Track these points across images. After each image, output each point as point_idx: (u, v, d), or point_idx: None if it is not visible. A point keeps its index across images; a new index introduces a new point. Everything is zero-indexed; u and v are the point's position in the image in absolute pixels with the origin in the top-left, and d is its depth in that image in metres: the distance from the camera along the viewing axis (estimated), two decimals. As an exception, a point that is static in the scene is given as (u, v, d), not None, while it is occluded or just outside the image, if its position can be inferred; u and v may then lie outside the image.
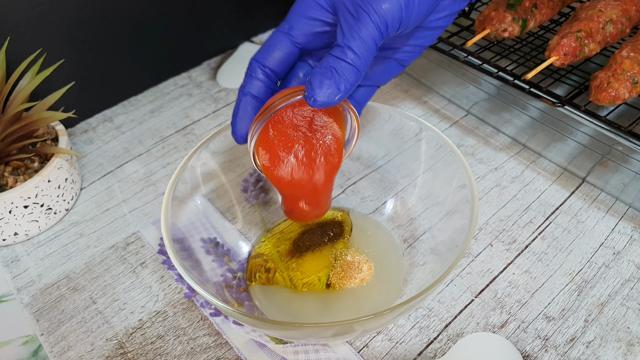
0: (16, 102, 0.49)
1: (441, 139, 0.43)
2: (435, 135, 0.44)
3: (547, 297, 0.44)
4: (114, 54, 0.62)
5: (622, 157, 0.48)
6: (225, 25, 0.71)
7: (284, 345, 0.42)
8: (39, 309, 0.46)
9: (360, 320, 0.35)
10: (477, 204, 0.39)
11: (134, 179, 0.57)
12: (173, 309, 0.45)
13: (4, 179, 0.49)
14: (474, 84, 0.58)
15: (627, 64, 0.47)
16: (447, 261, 0.40)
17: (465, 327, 0.42)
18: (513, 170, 0.54)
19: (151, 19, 0.63)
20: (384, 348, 0.42)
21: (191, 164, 0.43)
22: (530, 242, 0.48)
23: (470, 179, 0.40)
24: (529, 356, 0.40)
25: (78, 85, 0.58)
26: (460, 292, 0.45)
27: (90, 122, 0.64)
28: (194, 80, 0.69)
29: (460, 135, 0.58)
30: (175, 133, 0.62)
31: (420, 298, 0.35)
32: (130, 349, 0.43)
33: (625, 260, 0.46)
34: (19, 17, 0.53)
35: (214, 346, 0.42)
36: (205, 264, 0.42)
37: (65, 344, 0.43)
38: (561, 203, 0.51)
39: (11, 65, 0.53)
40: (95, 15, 0.59)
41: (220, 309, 0.37)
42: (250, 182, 0.49)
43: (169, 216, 0.39)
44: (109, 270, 0.48)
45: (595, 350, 0.41)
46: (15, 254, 0.50)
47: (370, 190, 0.50)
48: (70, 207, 0.54)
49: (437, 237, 0.44)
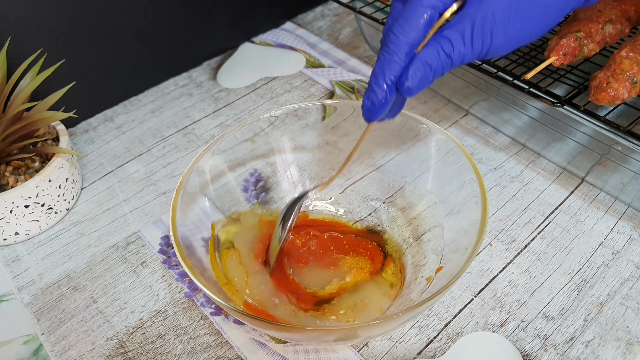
0: (17, 102, 0.49)
1: (447, 139, 0.44)
2: (441, 135, 0.44)
3: (546, 297, 0.44)
4: (114, 54, 0.63)
5: (622, 156, 0.48)
6: (225, 25, 0.71)
7: (284, 344, 0.42)
8: (39, 309, 0.46)
9: (365, 326, 0.35)
10: (486, 205, 0.39)
11: (135, 178, 0.57)
12: (173, 308, 0.45)
13: (5, 178, 0.49)
14: (474, 84, 0.58)
15: (626, 64, 0.47)
16: (450, 262, 0.40)
17: (465, 327, 0.43)
18: (512, 170, 0.54)
19: (151, 18, 0.63)
20: (383, 347, 0.42)
21: (198, 165, 0.44)
22: (530, 241, 0.48)
23: (478, 178, 0.40)
24: (528, 355, 0.41)
25: (79, 85, 0.58)
26: (459, 292, 0.45)
27: (91, 122, 0.64)
28: (194, 80, 0.69)
29: (460, 135, 0.58)
30: (176, 133, 0.62)
31: (427, 304, 0.35)
32: (130, 348, 0.43)
33: (624, 259, 0.46)
34: (19, 17, 0.54)
35: (214, 345, 0.43)
36: (206, 262, 0.42)
37: (66, 343, 0.43)
38: (560, 203, 0.51)
39: (12, 65, 0.53)
40: (96, 15, 0.59)
41: (224, 308, 0.37)
42: (251, 182, 0.49)
43: (177, 217, 0.40)
44: (110, 269, 0.49)
45: (594, 349, 0.41)
46: (16, 253, 0.51)
47: (370, 190, 0.50)
48: (71, 206, 0.54)
49: (439, 237, 0.44)
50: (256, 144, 0.48)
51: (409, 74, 0.33)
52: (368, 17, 0.61)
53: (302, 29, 0.76)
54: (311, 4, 0.80)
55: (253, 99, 0.66)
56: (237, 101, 0.66)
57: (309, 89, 0.66)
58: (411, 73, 0.33)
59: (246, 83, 0.68)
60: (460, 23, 0.33)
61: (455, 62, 0.34)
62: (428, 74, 0.34)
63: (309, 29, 0.76)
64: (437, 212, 0.45)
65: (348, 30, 0.76)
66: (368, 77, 0.67)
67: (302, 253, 0.44)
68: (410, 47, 0.33)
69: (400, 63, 0.34)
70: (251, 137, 0.48)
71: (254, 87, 0.67)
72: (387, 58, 0.34)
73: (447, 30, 0.34)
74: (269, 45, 0.74)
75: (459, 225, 0.41)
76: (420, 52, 0.34)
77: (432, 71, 0.34)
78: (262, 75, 0.69)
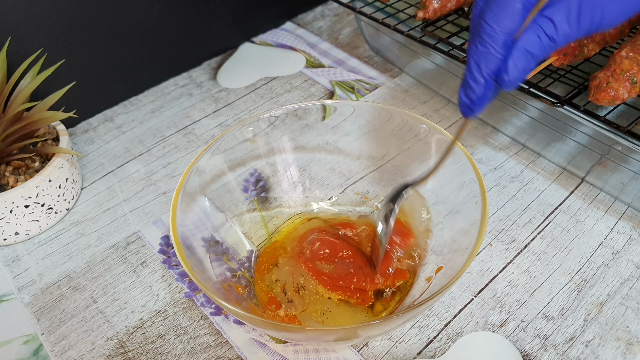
0: (17, 102, 0.49)
1: (447, 139, 0.43)
2: (441, 135, 0.44)
3: (546, 297, 0.44)
4: (114, 54, 0.63)
5: (621, 156, 0.48)
6: (225, 25, 0.71)
7: (284, 344, 0.42)
8: (39, 308, 0.46)
9: (365, 326, 0.35)
10: (486, 205, 0.39)
11: (135, 178, 0.57)
12: (173, 308, 0.45)
13: (5, 178, 0.49)
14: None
15: (626, 64, 0.47)
16: (450, 262, 0.40)
17: (465, 327, 0.43)
18: (512, 170, 0.54)
19: (151, 19, 0.63)
20: (383, 347, 0.42)
21: (199, 165, 0.44)
22: (530, 241, 0.48)
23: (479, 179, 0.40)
24: (528, 355, 0.41)
25: (79, 85, 0.58)
26: (459, 292, 0.45)
27: (91, 122, 0.64)
28: (194, 80, 0.69)
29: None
30: (176, 133, 0.62)
31: (427, 304, 0.35)
32: (130, 348, 0.43)
33: (624, 259, 0.46)
34: (20, 17, 0.54)
35: (214, 345, 0.43)
36: (206, 262, 0.42)
37: (66, 343, 0.43)
38: (560, 203, 0.51)
39: (12, 65, 0.53)
40: (96, 15, 0.59)
41: (224, 308, 0.37)
42: (251, 181, 0.49)
43: (178, 217, 0.40)
44: (110, 269, 0.49)
45: (594, 349, 0.41)
46: (16, 253, 0.51)
47: (370, 190, 0.50)
48: (71, 206, 0.54)
49: (439, 237, 0.44)
50: (256, 144, 0.49)
51: (509, 66, 0.30)
52: (368, 17, 0.61)
53: (302, 29, 0.76)
54: (311, 4, 0.80)
55: (253, 99, 0.66)
56: (237, 101, 0.66)
57: (309, 89, 0.66)
58: (511, 65, 0.30)
59: (246, 83, 0.68)
60: (561, 1, 0.30)
61: (559, 44, 0.30)
62: (530, 63, 0.31)
63: (309, 29, 0.76)
64: (437, 212, 0.45)
65: (348, 30, 0.76)
66: (368, 77, 0.67)
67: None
68: (507, 36, 0.30)
69: (498, 55, 0.30)
70: (251, 137, 0.48)
71: (254, 87, 0.67)
72: (482, 51, 0.31)
73: (549, 9, 0.30)
74: (269, 45, 0.74)
75: (459, 225, 0.41)
76: (520, 38, 0.30)
77: (533, 58, 0.30)
78: (262, 75, 0.69)
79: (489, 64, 0.31)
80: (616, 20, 0.30)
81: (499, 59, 0.31)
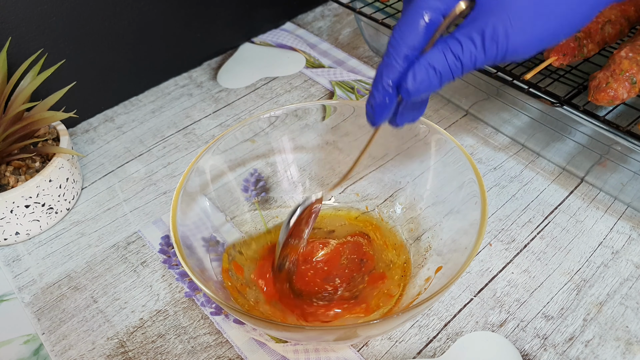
0: (17, 102, 0.49)
1: (446, 138, 0.44)
2: (440, 135, 0.44)
3: (546, 297, 0.44)
4: (114, 54, 0.63)
5: (621, 156, 0.48)
6: (225, 26, 0.71)
7: (284, 344, 0.42)
8: (40, 308, 0.46)
9: (365, 326, 0.35)
10: (486, 204, 0.39)
11: (135, 178, 0.57)
12: (174, 308, 0.45)
13: (6, 178, 0.49)
14: (473, 84, 0.58)
15: (625, 64, 0.47)
16: (450, 262, 0.40)
17: (465, 326, 0.43)
18: (512, 170, 0.54)
19: (152, 19, 0.63)
20: (383, 347, 0.42)
21: (199, 165, 0.44)
22: (529, 241, 0.48)
23: (478, 179, 0.40)
24: (527, 355, 0.41)
25: (79, 85, 0.58)
26: (459, 292, 0.45)
27: (92, 122, 0.64)
28: (194, 80, 0.69)
29: (460, 135, 0.58)
30: (176, 133, 0.62)
31: (427, 304, 0.35)
32: (131, 348, 0.43)
33: (623, 259, 0.46)
34: (20, 17, 0.54)
35: (215, 345, 0.43)
36: (206, 262, 0.42)
37: (66, 343, 0.44)
38: (560, 202, 0.51)
39: (12, 66, 0.53)
40: (96, 15, 0.59)
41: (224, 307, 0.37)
42: (251, 181, 0.49)
43: (178, 216, 0.40)
44: (110, 269, 0.49)
45: (594, 349, 0.41)
46: (16, 253, 0.51)
47: (370, 190, 0.51)
48: (71, 206, 0.54)
49: (439, 237, 0.44)
50: (256, 144, 0.49)
51: (408, 76, 0.32)
52: (368, 17, 0.62)
53: (302, 29, 0.76)
54: (311, 4, 0.80)
55: (253, 99, 0.66)
56: (237, 101, 0.66)
57: (309, 89, 0.66)
58: (410, 76, 0.32)
59: (246, 83, 0.68)
60: (471, 24, 0.32)
61: (466, 65, 0.32)
62: (431, 76, 0.32)
63: (309, 29, 0.76)
64: (437, 212, 0.45)
65: (348, 30, 0.76)
66: (368, 77, 0.67)
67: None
68: (409, 49, 0.32)
69: (398, 67, 0.33)
70: (251, 137, 0.48)
71: (254, 87, 0.67)
72: (386, 62, 0.33)
73: (458, 31, 0.32)
74: (269, 45, 0.74)
75: (459, 225, 0.41)
76: (425, 54, 0.32)
77: (436, 74, 0.32)
78: (262, 75, 0.69)
79: (389, 74, 0.33)
80: (522, 52, 0.32)
81: (400, 70, 0.33)
